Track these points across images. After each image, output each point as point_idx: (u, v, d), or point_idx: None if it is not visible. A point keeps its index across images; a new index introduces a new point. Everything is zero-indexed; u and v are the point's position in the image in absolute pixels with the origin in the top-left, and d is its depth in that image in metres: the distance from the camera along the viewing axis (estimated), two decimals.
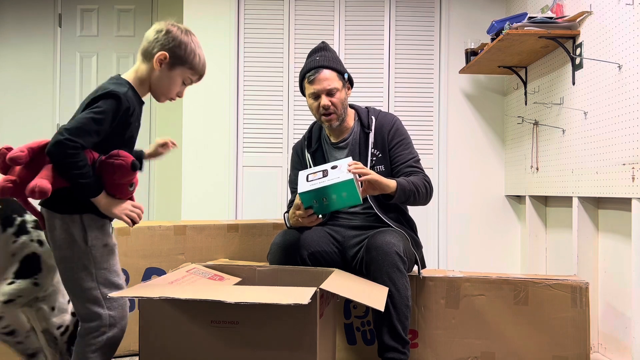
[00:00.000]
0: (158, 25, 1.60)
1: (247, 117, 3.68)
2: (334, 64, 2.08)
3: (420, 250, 2.11)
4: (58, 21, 4.34)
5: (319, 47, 2.14)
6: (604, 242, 2.56)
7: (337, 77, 2.07)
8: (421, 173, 2.09)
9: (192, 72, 1.65)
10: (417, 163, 2.12)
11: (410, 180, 2.00)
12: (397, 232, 1.97)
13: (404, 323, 1.88)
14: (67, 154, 1.41)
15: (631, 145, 2.20)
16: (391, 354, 1.86)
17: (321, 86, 2.05)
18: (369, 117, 2.16)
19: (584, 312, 2.03)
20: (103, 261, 1.53)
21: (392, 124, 2.14)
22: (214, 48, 3.65)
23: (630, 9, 2.22)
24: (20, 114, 4.30)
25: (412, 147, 2.15)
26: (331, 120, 2.09)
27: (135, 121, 1.58)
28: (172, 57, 1.58)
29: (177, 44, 1.58)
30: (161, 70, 1.59)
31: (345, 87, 2.12)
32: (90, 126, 1.45)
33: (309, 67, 2.08)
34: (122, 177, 1.48)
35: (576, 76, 2.68)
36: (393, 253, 1.84)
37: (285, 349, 1.41)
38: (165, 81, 1.61)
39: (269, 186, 3.67)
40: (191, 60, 1.62)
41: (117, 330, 1.53)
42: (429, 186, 2.07)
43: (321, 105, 2.06)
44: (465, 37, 3.53)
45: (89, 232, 1.51)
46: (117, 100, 1.48)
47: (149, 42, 1.59)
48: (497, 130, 3.71)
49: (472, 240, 3.67)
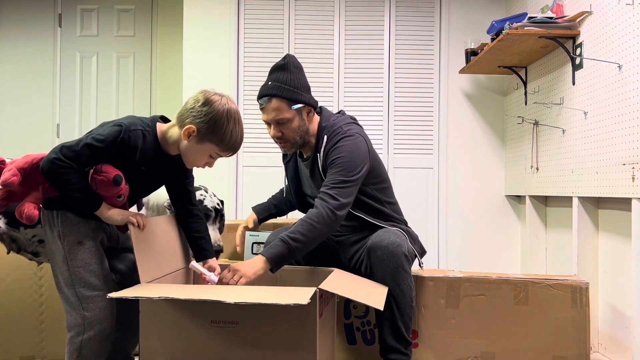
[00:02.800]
0: (201, 95, 1.53)
1: (247, 117, 3.68)
2: (284, 93, 1.89)
3: (417, 244, 2.08)
4: (58, 21, 4.34)
5: (277, 66, 1.94)
6: (604, 242, 2.56)
7: (286, 107, 1.90)
8: (321, 201, 1.81)
9: (221, 149, 1.56)
10: (334, 185, 1.84)
11: (288, 237, 1.74)
12: (398, 231, 1.96)
13: (407, 324, 1.87)
14: (57, 172, 1.45)
15: (631, 145, 2.20)
16: (393, 355, 1.86)
17: (269, 117, 1.93)
18: (321, 138, 1.98)
19: (584, 312, 2.03)
20: (77, 259, 1.53)
21: (334, 143, 1.93)
22: (214, 48, 3.65)
23: (630, 9, 2.22)
24: (20, 113, 4.29)
25: (343, 167, 1.87)
26: (285, 148, 2.00)
27: (140, 163, 1.54)
28: (202, 132, 1.52)
29: (211, 120, 1.51)
30: (189, 141, 1.54)
31: (301, 114, 1.94)
32: (84, 151, 1.46)
33: (261, 94, 1.94)
34: (105, 191, 1.51)
35: (576, 76, 2.68)
36: (400, 254, 1.82)
37: (285, 349, 1.41)
38: (191, 152, 1.56)
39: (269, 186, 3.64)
40: (222, 138, 1.53)
41: (94, 334, 1.53)
42: (326, 216, 1.77)
43: (271, 135, 1.97)
44: (465, 37, 3.53)
45: (62, 228, 1.54)
46: (118, 131, 1.48)
47: (185, 109, 1.54)
48: (497, 130, 3.71)
49: (472, 240, 3.67)
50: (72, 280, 1.53)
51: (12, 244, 1.85)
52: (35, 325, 2.18)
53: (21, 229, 1.80)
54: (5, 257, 2.04)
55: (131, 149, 1.51)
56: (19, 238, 1.83)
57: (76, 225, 1.55)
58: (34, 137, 4.24)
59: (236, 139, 1.56)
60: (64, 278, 1.54)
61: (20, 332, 2.16)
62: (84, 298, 1.52)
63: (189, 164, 1.62)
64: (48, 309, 2.19)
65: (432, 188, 3.66)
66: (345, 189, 1.84)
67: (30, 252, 1.87)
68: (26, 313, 2.16)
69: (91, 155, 1.47)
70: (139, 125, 1.53)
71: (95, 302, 1.53)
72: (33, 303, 2.18)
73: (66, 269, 1.53)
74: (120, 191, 1.52)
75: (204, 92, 1.54)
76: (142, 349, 1.48)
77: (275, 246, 1.73)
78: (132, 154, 1.52)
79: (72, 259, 1.53)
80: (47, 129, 4.28)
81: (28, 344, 2.17)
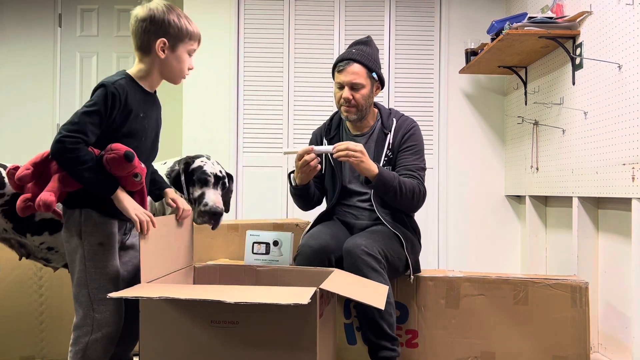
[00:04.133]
0: (138, 15, 1.57)
1: (247, 117, 3.68)
2: (367, 61, 2.08)
3: (415, 255, 2.10)
4: (58, 21, 4.34)
5: (361, 41, 2.15)
6: (604, 242, 2.56)
7: (365, 74, 2.08)
8: (416, 180, 2.06)
9: (192, 42, 1.63)
10: (417, 170, 2.09)
11: (397, 177, 1.99)
12: (377, 233, 1.97)
13: (389, 320, 1.87)
14: (67, 149, 1.43)
15: (631, 145, 2.20)
16: (381, 353, 1.86)
17: (347, 78, 2.07)
18: (390, 119, 2.17)
19: (584, 312, 2.03)
20: (95, 259, 1.53)
21: (409, 128, 2.14)
22: (214, 48, 3.65)
23: (630, 9, 2.22)
24: (20, 113, 4.29)
25: (420, 155, 2.13)
26: (349, 112, 2.11)
27: (137, 110, 1.57)
28: (170, 39, 1.58)
29: (168, 25, 1.57)
30: (166, 55, 1.58)
31: (372, 86, 2.11)
32: (84, 118, 1.46)
33: (342, 57, 2.11)
34: (118, 169, 1.49)
35: (576, 76, 2.68)
36: (361, 253, 1.85)
37: (285, 349, 1.41)
38: (174, 63, 1.61)
39: (269, 186, 3.67)
40: (186, 32, 1.60)
41: (101, 336, 1.53)
42: (419, 193, 2.04)
43: (343, 96, 2.08)
44: (465, 37, 3.53)
45: (85, 228, 1.53)
46: (104, 89, 1.50)
47: (138, 37, 1.58)
48: (497, 130, 3.71)
49: (472, 240, 3.67)
50: (86, 280, 1.53)
51: (21, 249, 1.85)
52: (35, 325, 2.18)
53: (28, 236, 1.78)
54: (5, 257, 2.04)
55: (124, 100, 1.52)
56: (26, 244, 1.82)
57: (99, 225, 1.54)
58: (34, 137, 4.24)
59: (194, 25, 1.63)
60: (79, 277, 1.54)
61: (20, 332, 2.16)
62: (96, 300, 1.52)
63: (177, 77, 1.65)
64: (48, 309, 2.19)
65: (432, 188, 3.66)
66: (424, 176, 2.12)
67: (42, 259, 1.85)
68: (26, 313, 2.16)
69: (92, 121, 1.47)
70: (116, 77, 1.55)
71: (106, 304, 1.53)
72: (33, 303, 2.18)
73: (82, 269, 1.53)
74: (134, 169, 1.50)
75: (133, 16, 1.58)
76: (142, 349, 1.47)
77: (389, 172, 1.98)
78: (126, 104, 1.53)
79: (90, 259, 1.53)
80: (47, 129, 4.28)
81: (28, 344, 2.18)
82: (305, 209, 2.26)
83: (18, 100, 4.31)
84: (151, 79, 1.62)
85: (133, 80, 1.59)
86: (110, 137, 1.52)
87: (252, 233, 2.15)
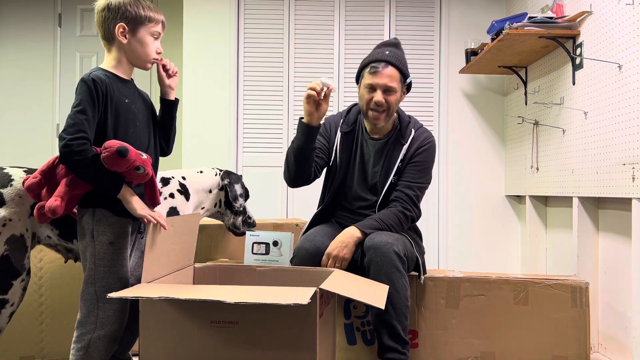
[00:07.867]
0: (98, 6, 1.61)
1: (247, 117, 3.68)
2: (402, 65, 2.01)
3: (422, 256, 2.10)
4: (58, 21, 4.34)
5: (392, 42, 2.06)
6: (604, 242, 2.56)
7: (399, 78, 2.01)
8: (402, 204, 2.00)
9: (153, 24, 1.63)
10: (416, 189, 2.03)
11: (380, 221, 1.95)
12: (396, 233, 1.97)
13: (404, 323, 1.87)
14: (75, 152, 1.46)
15: (631, 145, 2.20)
16: (391, 355, 1.86)
17: (382, 81, 1.97)
18: (408, 128, 2.09)
19: (584, 312, 2.03)
20: (105, 258, 1.55)
21: (424, 143, 2.07)
22: (214, 48, 3.65)
23: (630, 9, 2.22)
24: (20, 113, 4.29)
25: (426, 173, 2.07)
26: (378, 119, 2.01)
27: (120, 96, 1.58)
28: (129, 23, 1.59)
29: (125, 9, 1.58)
30: (128, 40, 1.60)
31: (402, 91, 2.06)
32: (78, 117, 1.48)
33: (376, 58, 1.99)
34: (116, 166, 1.50)
35: (576, 76, 2.68)
36: (391, 253, 1.83)
37: (285, 349, 1.41)
38: (137, 47, 1.62)
39: (269, 186, 3.67)
40: (144, 15, 1.61)
41: (103, 334, 1.54)
42: (405, 220, 2.00)
43: (375, 100, 1.98)
44: (465, 37, 3.53)
45: (96, 227, 1.55)
46: (83, 82, 1.52)
47: (101, 26, 1.61)
48: (497, 130, 3.71)
49: (472, 240, 3.67)
50: (94, 278, 1.55)
51: (69, 253, 1.88)
52: (35, 325, 2.18)
53: (74, 242, 1.80)
54: None
55: (105, 88, 1.53)
56: (73, 249, 1.85)
57: (111, 225, 1.56)
58: (33, 137, 4.25)
59: (154, 8, 1.65)
60: (88, 275, 1.56)
61: (20, 332, 2.15)
62: (102, 298, 1.54)
63: (145, 62, 1.65)
64: (48, 309, 2.19)
65: (432, 188, 3.66)
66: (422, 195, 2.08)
67: None
68: (26, 313, 2.16)
69: (86, 116, 1.49)
70: (91, 71, 1.57)
71: (111, 303, 1.55)
72: (33, 303, 2.17)
73: (92, 267, 1.55)
74: (133, 163, 1.50)
75: (95, 9, 1.61)
76: (142, 349, 1.48)
77: (370, 223, 1.95)
78: (107, 92, 1.54)
79: (100, 258, 1.55)
80: (47, 129, 4.28)
81: (28, 344, 2.17)
82: (295, 179, 2.05)
83: (18, 100, 4.31)
84: (122, 66, 1.63)
85: (107, 71, 1.60)
86: (103, 128, 1.54)
87: (252, 233, 2.15)
